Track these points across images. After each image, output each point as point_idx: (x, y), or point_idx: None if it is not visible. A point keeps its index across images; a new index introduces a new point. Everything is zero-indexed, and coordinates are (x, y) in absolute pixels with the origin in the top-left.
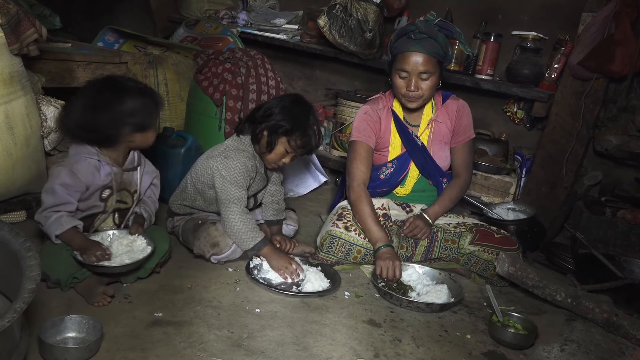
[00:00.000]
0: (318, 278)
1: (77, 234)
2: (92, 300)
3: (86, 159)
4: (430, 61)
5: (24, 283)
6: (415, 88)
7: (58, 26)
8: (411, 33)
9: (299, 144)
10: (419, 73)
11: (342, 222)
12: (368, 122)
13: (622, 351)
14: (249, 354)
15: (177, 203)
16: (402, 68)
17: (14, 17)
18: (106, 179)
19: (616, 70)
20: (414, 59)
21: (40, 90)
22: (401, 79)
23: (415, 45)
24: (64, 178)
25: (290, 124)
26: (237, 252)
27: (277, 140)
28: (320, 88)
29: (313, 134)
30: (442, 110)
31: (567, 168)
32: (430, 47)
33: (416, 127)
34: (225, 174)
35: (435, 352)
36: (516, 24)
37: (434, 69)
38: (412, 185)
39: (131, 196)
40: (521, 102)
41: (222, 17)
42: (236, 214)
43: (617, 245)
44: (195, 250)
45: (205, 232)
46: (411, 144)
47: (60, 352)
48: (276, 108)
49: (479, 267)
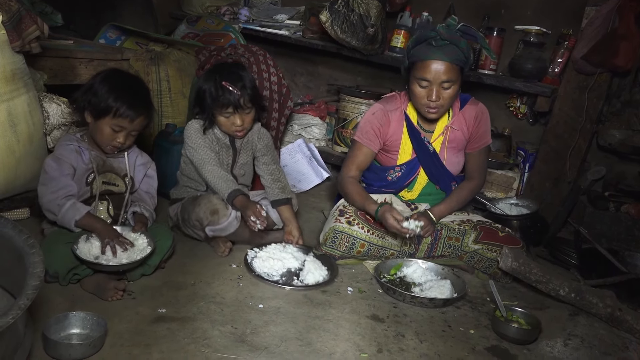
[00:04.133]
0: (317, 267)
1: (98, 219)
2: (106, 295)
3: (67, 145)
4: (453, 69)
5: (28, 280)
6: (437, 98)
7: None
8: (432, 39)
9: (224, 102)
10: (441, 82)
11: (345, 217)
12: (373, 125)
13: (626, 346)
14: (252, 350)
15: (175, 190)
16: (422, 77)
17: (15, 15)
18: (89, 163)
19: (620, 65)
20: (435, 68)
21: (42, 87)
22: (421, 88)
23: (437, 52)
24: (52, 164)
25: (201, 97)
26: (233, 224)
27: (212, 112)
28: (322, 84)
29: (226, 88)
30: (459, 117)
31: (570, 163)
32: (453, 54)
33: (430, 133)
34: (188, 142)
35: (439, 347)
36: (519, 19)
37: (457, 77)
38: (420, 190)
39: (122, 180)
40: (524, 97)
41: (224, 13)
42: (211, 171)
43: (620, 240)
44: (193, 218)
45: (206, 198)
46: (422, 150)
47: (65, 349)
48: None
49: (482, 264)
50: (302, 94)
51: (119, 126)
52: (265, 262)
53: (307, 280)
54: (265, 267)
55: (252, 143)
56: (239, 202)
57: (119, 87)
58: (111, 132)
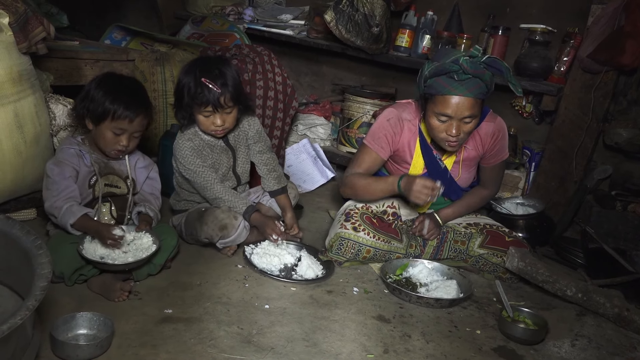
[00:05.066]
0: (313, 262)
1: (90, 220)
2: (113, 296)
3: (68, 149)
4: (476, 104)
5: (36, 281)
6: (457, 132)
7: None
8: (454, 74)
9: (202, 101)
10: (462, 118)
11: (350, 222)
12: (387, 132)
13: (634, 346)
14: (258, 350)
15: (175, 200)
16: (443, 112)
17: (22, 16)
18: (90, 166)
19: (626, 63)
20: (457, 103)
21: (49, 88)
22: (440, 122)
23: (460, 88)
24: (53, 168)
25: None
26: (243, 234)
27: (192, 112)
28: (327, 84)
29: (204, 84)
30: (474, 135)
31: (576, 162)
32: (476, 88)
33: (441, 151)
34: (184, 164)
35: (445, 347)
36: (524, 17)
37: (478, 112)
38: (429, 204)
39: (124, 182)
40: (530, 96)
41: (229, 13)
42: (217, 192)
43: (627, 240)
44: (202, 236)
45: (212, 215)
46: (434, 166)
47: (72, 349)
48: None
49: (487, 268)
50: (306, 94)
51: (120, 128)
52: (262, 258)
53: (307, 275)
54: (263, 263)
55: (244, 132)
56: (256, 219)
57: (113, 90)
58: (113, 136)
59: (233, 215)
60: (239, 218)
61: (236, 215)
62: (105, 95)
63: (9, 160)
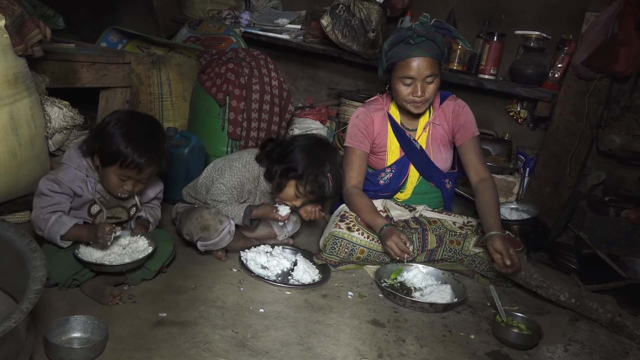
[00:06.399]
0: (309, 266)
1: (82, 228)
2: (104, 300)
3: (75, 170)
4: (434, 63)
5: (30, 284)
6: (422, 92)
7: (61, 26)
8: (409, 38)
9: (308, 190)
10: (424, 77)
11: (345, 222)
12: (359, 127)
13: (626, 351)
14: (253, 354)
15: (187, 191)
16: (406, 75)
17: (18, 18)
18: (95, 194)
19: (620, 70)
20: (417, 64)
21: (44, 91)
22: (406, 86)
23: (417, 49)
24: (50, 185)
25: (302, 168)
26: (225, 240)
27: (287, 183)
28: (323, 88)
29: (326, 181)
30: (439, 112)
31: (570, 168)
32: (431, 49)
33: (413, 132)
34: (222, 181)
35: (439, 352)
36: (519, 24)
37: (438, 71)
38: (413, 189)
39: (127, 212)
40: (524, 102)
41: (225, 17)
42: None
43: (620, 245)
44: (184, 232)
45: (198, 213)
46: (409, 147)
47: (66, 352)
48: (295, 149)
49: (482, 267)
50: (302, 98)
51: (127, 176)
52: (258, 264)
53: (303, 280)
54: (258, 268)
55: None
56: (258, 212)
57: (131, 133)
58: (118, 181)
59: (219, 219)
60: (225, 223)
61: (222, 219)
62: (121, 138)
63: (3, 162)
